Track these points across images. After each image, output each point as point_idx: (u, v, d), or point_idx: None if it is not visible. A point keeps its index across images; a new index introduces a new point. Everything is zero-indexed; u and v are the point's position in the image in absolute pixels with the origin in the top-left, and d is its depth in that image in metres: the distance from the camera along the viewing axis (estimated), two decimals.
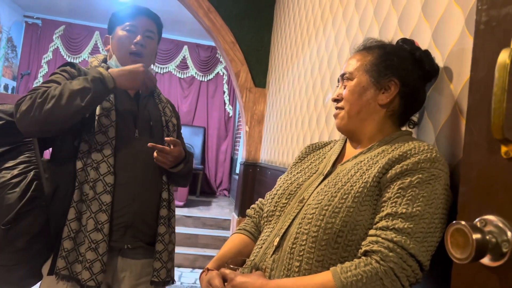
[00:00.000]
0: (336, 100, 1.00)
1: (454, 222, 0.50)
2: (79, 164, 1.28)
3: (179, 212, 4.86)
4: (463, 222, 0.49)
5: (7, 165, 1.25)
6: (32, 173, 1.25)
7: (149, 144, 1.32)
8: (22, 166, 1.25)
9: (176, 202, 5.16)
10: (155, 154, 1.34)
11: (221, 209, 5.50)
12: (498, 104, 0.48)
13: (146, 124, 1.41)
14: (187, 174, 1.52)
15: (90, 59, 1.48)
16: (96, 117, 1.31)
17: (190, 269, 4.19)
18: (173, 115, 1.54)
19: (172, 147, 1.36)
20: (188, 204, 5.43)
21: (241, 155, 3.63)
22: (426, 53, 0.99)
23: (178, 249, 4.32)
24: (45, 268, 1.29)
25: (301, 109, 2.25)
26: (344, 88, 0.98)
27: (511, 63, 0.48)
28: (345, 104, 0.96)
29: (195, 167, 6.06)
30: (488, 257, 0.50)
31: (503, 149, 0.50)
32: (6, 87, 6.23)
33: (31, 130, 1.21)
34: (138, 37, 1.41)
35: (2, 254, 1.21)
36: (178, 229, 4.58)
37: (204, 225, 4.83)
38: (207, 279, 0.88)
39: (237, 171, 3.47)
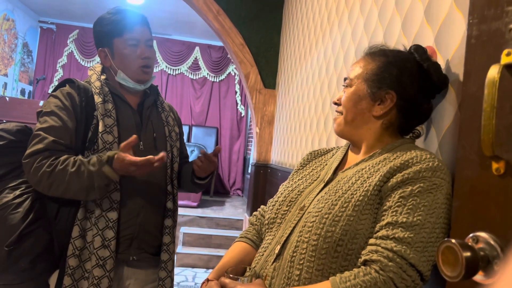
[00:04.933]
0: (336, 104, 1.00)
1: (445, 239, 0.50)
2: None
3: (193, 212, 4.90)
4: (453, 240, 0.48)
5: (10, 184, 1.26)
6: (34, 192, 1.24)
7: (201, 151, 1.38)
8: (24, 185, 1.26)
9: (190, 203, 5.21)
10: (199, 162, 1.39)
11: (235, 209, 5.52)
12: (488, 121, 0.48)
13: (150, 135, 1.42)
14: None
15: (89, 72, 1.43)
16: (99, 134, 1.29)
17: (204, 270, 4.23)
18: (175, 123, 1.54)
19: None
20: (201, 205, 5.47)
21: (253, 156, 3.64)
22: (436, 65, 0.94)
23: (192, 250, 4.36)
24: (53, 280, 1.30)
25: (310, 111, 2.24)
26: (344, 93, 0.97)
27: (500, 79, 0.48)
28: (343, 109, 0.96)
29: None
30: (481, 274, 0.50)
31: (494, 165, 0.49)
32: (23, 92, 6.37)
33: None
34: (144, 51, 1.39)
35: (6, 274, 1.22)
36: (192, 230, 4.62)
37: (217, 225, 4.86)
38: None
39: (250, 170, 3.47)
